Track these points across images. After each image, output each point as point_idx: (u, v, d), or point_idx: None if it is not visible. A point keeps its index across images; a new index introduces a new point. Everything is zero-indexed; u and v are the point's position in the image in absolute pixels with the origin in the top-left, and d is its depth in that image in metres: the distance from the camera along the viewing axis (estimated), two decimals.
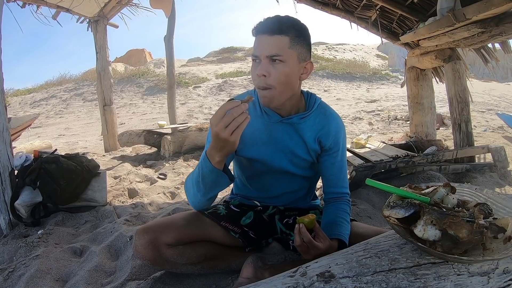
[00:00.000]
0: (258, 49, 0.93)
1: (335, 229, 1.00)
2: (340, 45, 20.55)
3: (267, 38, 0.92)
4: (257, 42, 0.94)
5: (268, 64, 0.93)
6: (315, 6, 3.21)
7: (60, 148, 4.70)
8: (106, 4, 4.01)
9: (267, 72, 0.93)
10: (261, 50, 0.93)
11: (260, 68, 0.93)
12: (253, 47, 0.96)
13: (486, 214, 0.68)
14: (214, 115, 0.82)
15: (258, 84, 0.95)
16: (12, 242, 1.58)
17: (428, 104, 3.33)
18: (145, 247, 1.01)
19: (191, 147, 3.92)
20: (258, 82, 0.95)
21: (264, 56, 0.92)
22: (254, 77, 0.97)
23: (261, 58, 0.93)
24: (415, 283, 0.62)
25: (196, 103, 9.42)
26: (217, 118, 0.82)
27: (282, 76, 0.94)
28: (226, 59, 17.05)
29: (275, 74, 0.93)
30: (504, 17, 1.98)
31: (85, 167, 2.10)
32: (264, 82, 0.94)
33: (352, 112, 7.00)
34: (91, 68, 13.61)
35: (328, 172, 1.11)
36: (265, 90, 0.95)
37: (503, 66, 14.70)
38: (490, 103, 7.73)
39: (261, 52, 0.93)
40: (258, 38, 0.94)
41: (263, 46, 0.93)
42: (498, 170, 2.45)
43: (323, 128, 1.07)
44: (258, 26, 0.94)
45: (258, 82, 0.95)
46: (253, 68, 0.97)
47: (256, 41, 0.95)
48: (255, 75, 0.95)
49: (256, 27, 0.95)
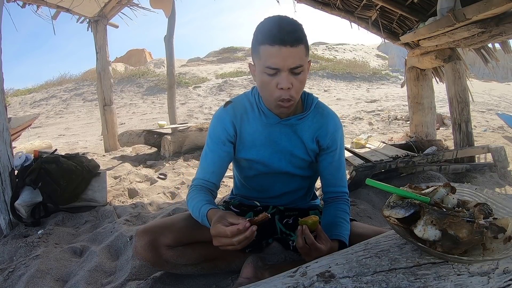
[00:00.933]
0: (281, 62, 0.86)
1: (335, 230, 1.00)
2: (340, 45, 20.55)
3: (289, 50, 0.86)
4: (277, 54, 0.86)
5: (289, 75, 0.88)
6: (315, 6, 3.21)
7: (60, 148, 4.70)
8: (106, 4, 4.01)
9: (291, 84, 0.89)
10: (284, 63, 0.86)
11: (285, 81, 0.88)
12: (268, 58, 0.87)
13: (486, 214, 0.68)
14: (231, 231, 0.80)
15: (281, 96, 0.91)
16: (12, 242, 1.58)
17: (428, 104, 3.33)
18: (145, 248, 1.01)
19: (191, 147, 3.92)
20: (280, 95, 0.91)
21: (287, 69, 0.88)
22: (271, 89, 0.91)
23: (283, 70, 0.88)
24: (415, 283, 0.62)
25: (196, 103, 9.42)
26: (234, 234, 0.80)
27: (301, 85, 0.93)
28: (226, 59, 17.05)
29: (297, 85, 0.91)
30: (504, 17, 1.99)
31: (85, 167, 2.10)
32: (288, 94, 0.90)
33: (352, 112, 7.01)
34: (91, 68, 13.63)
35: (326, 171, 1.11)
36: (287, 102, 0.93)
37: (503, 66, 14.70)
38: (490, 103, 7.73)
39: (284, 64, 0.87)
40: (277, 50, 0.85)
41: (287, 59, 0.86)
42: (498, 170, 2.45)
43: (321, 128, 1.07)
44: (276, 36, 0.85)
45: (281, 95, 0.91)
46: (267, 80, 0.90)
47: (274, 52, 0.86)
48: (274, 87, 0.90)
49: (270, 35, 0.86)
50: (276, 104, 0.95)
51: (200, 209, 0.95)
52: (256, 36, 0.91)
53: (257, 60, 0.92)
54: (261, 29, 0.91)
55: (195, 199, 1.00)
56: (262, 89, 0.95)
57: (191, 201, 1.02)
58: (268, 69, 0.88)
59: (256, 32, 0.92)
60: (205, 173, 1.08)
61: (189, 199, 1.03)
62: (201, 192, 1.03)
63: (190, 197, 1.04)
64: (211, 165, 1.08)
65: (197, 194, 1.03)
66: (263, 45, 0.88)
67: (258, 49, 0.90)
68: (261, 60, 0.90)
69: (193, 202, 1.00)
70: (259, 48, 0.89)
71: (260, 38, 0.89)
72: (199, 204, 0.97)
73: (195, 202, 0.99)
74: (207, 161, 1.08)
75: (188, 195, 1.05)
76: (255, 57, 0.93)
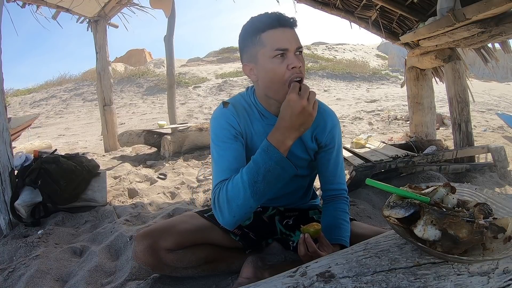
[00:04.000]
0: (288, 42, 0.91)
1: (335, 233, 1.00)
2: (340, 45, 20.56)
3: (291, 31, 0.93)
4: (283, 35, 0.91)
5: (297, 55, 0.92)
6: (315, 6, 3.22)
7: (60, 148, 4.70)
8: (106, 4, 4.01)
9: (300, 63, 0.92)
10: (291, 43, 0.91)
11: (296, 60, 0.91)
12: (275, 41, 0.90)
13: (486, 214, 0.68)
14: (292, 91, 0.84)
15: (297, 76, 0.91)
16: (12, 242, 1.58)
17: (428, 104, 3.33)
18: (145, 252, 1.01)
19: (191, 147, 3.92)
20: (291, 74, 0.91)
21: (295, 48, 0.91)
22: (282, 72, 0.91)
23: (291, 50, 0.91)
24: (415, 283, 0.62)
25: (196, 103, 9.41)
26: (296, 92, 0.84)
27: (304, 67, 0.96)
28: (226, 59, 17.05)
29: (303, 66, 0.94)
30: (504, 17, 1.99)
31: (85, 167, 2.10)
32: (300, 72, 0.93)
33: (352, 112, 7.00)
34: (91, 68, 13.61)
35: (325, 169, 1.11)
36: (301, 80, 0.93)
37: (503, 66, 14.69)
38: (490, 103, 7.73)
39: (291, 44, 0.91)
40: (282, 31, 0.91)
41: (293, 39, 0.92)
42: (498, 170, 2.45)
43: (318, 126, 1.08)
44: (278, 20, 0.91)
45: (292, 74, 0.91)
46: (276, 65, 0.91)
47: (280, 34, 0.91)
48: (285, 69, 0.91)
49: (270, 21, 0.91)
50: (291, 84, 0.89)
51: (254, 159, 0.88)
52: (253, 28, 0.93)
53: (261, 49, 0.92)
54: (255, 22, 0.94)
55: (236, 177, 0.89)
56: (273, 78, 0.92)
57: (228, 186, 0.90)
58: (278, 51, 0.90)
59: (251, 26, 0.94)
60: (228, 172, 0.94)
61: (227, 194, 0.89)
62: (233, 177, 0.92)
63: (224, 193, 0.90)
64: (233, 162, 0.96)
65: (231, 180, 0.91)
66: (265, 32, 0.91)
67: (260, 38, 0.92)
68: (266, 47, 0.91)
69: (236, 181, 0.89)
70: (261, 37, 0.92)
71: (260, 27, 0.92)
72: (249, 162, 0.89)
73: (244, 170, 0.89)
74: (226, 161, 0.96)
75: (220, 197, 0.91)
76: (257, 49, 0.93)
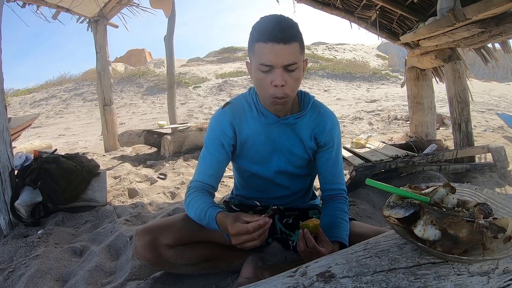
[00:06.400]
0: (274, 59, 0.87)
1: (334, 231, 1.00)
2: (340, 45, 20.56)
3: (282, 47, 0.87)
4: (271, 51, 0.87)
5: (283, 72, 0.89)
6: (315, 6, 3.22)
7: (60, 148, 4.70)
8: (106, 4, 4.01)
9: (284, 82, 0.90)
10: (277, 60, 0.87)
11: (279, 78, 0.89)
12: (262, 55, 0.89)
13: (486, 214, 0.68)
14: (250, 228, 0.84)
15: (276, 94, 0.91)
16: (12, 242, 1.58)
17: (428, 104, 3.33)
18: (145, 248, 1.02)
19: (191, 147, 3.92)
20: (275, 92, 0.91)
21: (281, 66, 0.88)
22: (266, 86, 0.92)
23: (277, 67, 0.89)
24: (415, 283, 0.62)
25: (196, 103, 9.42)
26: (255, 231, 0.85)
27: (296, 83, 0.93)
28: (226, 59, 17.06)
29: (291, 82, 0.91)
30: (504, 17, 1.99)
31: (85, 167, 2.10)
32: (282, 92, 0.91)
33: (352, 112, 7.00)
34: (91, 68, 13.63)
35: (324, 168, 1.12)
36: (281, 99, 0.93)
37: (503, 66, 14.70)
38: (490, 103, 7.73)
39: (277, 61, 0.88)
40: (271, 47, 0.87)
41: (280, 55, 0.87)
42: (498, 170, 2.45)
43: (318, 126, 1.08)
44: (270, 33, 0.87)
45: (275, 92, 0.91)
46: (261, 77, 0.91)
47: (267, 49, 0.87)
48: (269, 84, 0.91)
49: (264, 33, 0.88)
50: (271, 101, 0.95)
51: (206, 212, 0.96)
52: (252, 34, 0.93)
53: (253, 58, 0.93)
54: (256, 27, 0.92)
55: (198, 201, 1.00)
56: (258, 86, 0.97)
57: (192, 204, 1.01)
58: (262, 66, 0.90)
59: (252, 30, 0.93)
60: (204, 176, 1.08)
61: (189, 202, 1.03)
62: (202, 195, 1.03)
63: (190, 199, 1.03)
64: (210, 168, 1.08)
65: (198, 197, 1.02)
66: (257, 42, 0.90)
67: (253, 46, 0.91)
68: (255, 57, 0.91)
69: (195, 205, 1.00)
70: (254, 46, 0.91)
71: (255, 36, 0.91)
72: (204, 207, 0.97)
73: (198, 204, 0.99)
74: (206, 164, 1.08)
75: (188, 197, 1.05)
76: (251, 55, 0.95)
